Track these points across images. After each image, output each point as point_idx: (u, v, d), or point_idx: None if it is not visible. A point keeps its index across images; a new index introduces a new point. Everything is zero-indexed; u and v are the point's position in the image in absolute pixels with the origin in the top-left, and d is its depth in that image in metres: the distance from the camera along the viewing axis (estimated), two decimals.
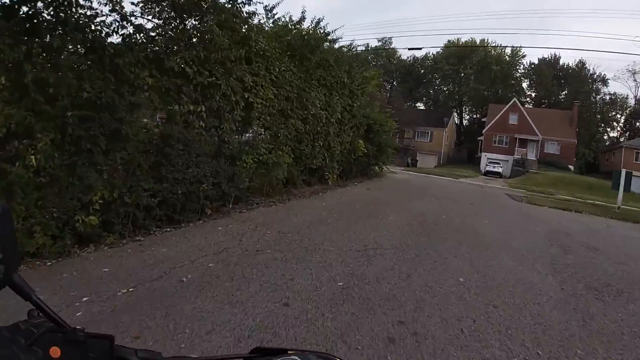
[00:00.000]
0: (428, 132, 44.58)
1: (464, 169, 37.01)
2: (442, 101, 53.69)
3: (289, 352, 0.70)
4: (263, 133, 7.88)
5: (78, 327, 0.65)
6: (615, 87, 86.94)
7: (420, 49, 52.70)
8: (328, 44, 10.65)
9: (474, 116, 53.17)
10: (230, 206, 6.75)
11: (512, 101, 41.37)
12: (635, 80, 59.44)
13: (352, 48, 12.81)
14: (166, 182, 5.18)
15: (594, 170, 41.74)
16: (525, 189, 21.21)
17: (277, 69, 7.89)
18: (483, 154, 40.42)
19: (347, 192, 10.72)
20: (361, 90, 12.97)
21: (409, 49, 55.43)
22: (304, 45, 9.15)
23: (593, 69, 50.08)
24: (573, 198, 18.30)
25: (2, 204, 0.61)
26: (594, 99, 48.95)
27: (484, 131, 41.41)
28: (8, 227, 0.63)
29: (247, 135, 7.65)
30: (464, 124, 55.14)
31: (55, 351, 0.62)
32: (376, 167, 15.64)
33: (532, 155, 37.97)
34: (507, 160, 38.67)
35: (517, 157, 37.59)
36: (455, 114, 49.10)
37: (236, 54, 6.41)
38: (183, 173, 5.44)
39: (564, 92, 51.57)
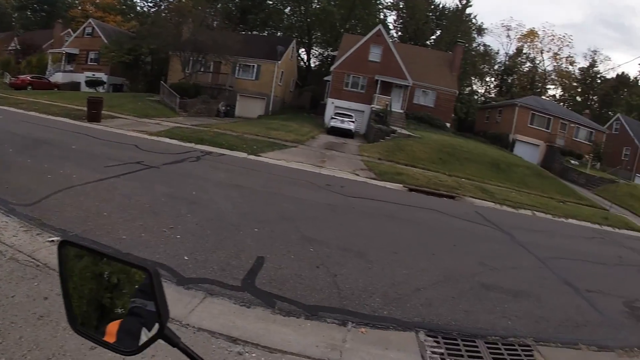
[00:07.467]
0: (253, 67, 28.00)
1: (296, 123, 22.00)
2: (285, 28, 37.53)
3: None
4: None
5: None
6: (486, 41, 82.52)
7: None
8: None
9: (326, 53, 38.54)
10: None
11: (376, 28, 27.34)
12: (509, 36, 53.26)
13: None
14: None
15: (466, 129, 32.16)
16: (401, 175, 11.30)
17: None
18: (329, 101, 25.90)
19: None
20: None
21: None
22: None
23: (472, 15, 40.79)
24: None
25: (152, 267, 0.71)
26: (468, 48, 39.26)
27: (332, 68, 26.81)
28: (159, 288, 0.72)
29: None
30: (313, 63, 40.46)
31: None
32: None
33: (397, 107, 24.91)
34: (363, 112, 24.85)
35: (377, 107, 23.96)
36: (292, 44, 32.85)
37: None
38: None
39: (433, 37, 41.01)
